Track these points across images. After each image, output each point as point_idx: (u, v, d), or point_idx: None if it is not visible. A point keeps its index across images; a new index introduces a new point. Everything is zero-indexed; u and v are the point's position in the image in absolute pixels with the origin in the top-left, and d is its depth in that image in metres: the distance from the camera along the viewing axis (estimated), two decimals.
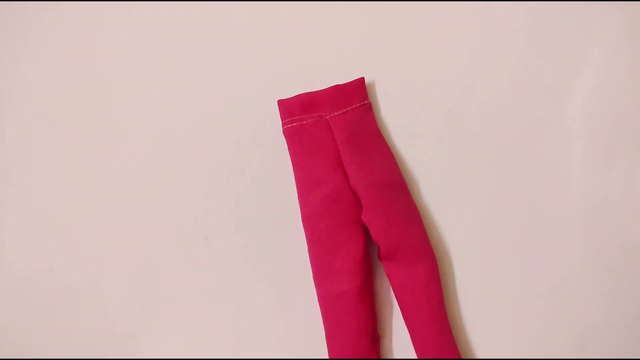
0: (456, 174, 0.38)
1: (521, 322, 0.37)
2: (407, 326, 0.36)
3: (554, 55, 0.38)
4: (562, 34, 0.39)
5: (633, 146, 0.38)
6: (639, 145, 0.38)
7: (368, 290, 0.36)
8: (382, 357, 0.37)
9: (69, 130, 0.40)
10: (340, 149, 0.36)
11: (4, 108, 0.40)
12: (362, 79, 0.38)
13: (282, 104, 0.37)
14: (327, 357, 0.36)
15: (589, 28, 0.38)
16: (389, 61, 0.39)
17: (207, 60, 0.40)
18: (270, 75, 0.39)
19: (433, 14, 0.39)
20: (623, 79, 0.38)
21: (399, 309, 0.36)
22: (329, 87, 0.37)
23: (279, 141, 0.38)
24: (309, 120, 0.37)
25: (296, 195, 0.37)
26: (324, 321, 0.36)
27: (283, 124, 0.37)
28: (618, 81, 0.38)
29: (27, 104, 0.40)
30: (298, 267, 0.38)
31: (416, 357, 0.36)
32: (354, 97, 0.37)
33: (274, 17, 0.39)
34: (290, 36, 0.39)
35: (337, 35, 0.39)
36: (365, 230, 0.36)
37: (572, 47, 0.38)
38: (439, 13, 0.39)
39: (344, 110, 0.37)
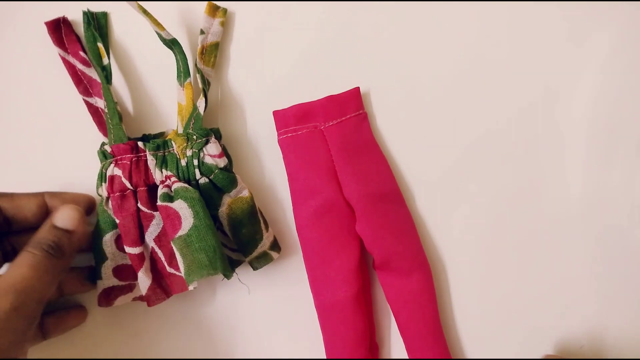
0: (452, 183, 0.38)
1: (519, 328, 0.37)
2: (402, 336, 0.36)
3: (553, 56, 0.38)
4: (561, 34, 0.38)
5: (633, 146, 0.37)
6: (639, 145, 0.37)
7: (365, 300, 0.37)
8: None
9: None
10: (335, 159, 0.36)
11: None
12: (357, 88, 0.37)
13: (277, 114, 0.37)
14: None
15: (589, 28, 0.38)
16: (384, 70, 0.38)
17: None
18: (265, 86, 0.39)
19: (429, 21, 0.38)
20: (623, 79, 0.37)
21: None
22: (324, 97, 0.37)
23: (275, 151, 0.38)
24: (304, 131, 0.36)
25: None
26: (322, 330, 0.37)
27: (278, 135, 0.37)
28: (618, 81, 0.37)
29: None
30: (297, 276, 0.38)
31: None
32: (349, 107, 0.37)
33: (268, 28, 0.39)
34: (284, 47, 0.39)
35: (332, 45, 0.39)
36: (361, 239, 0.36)
37: (571, 47, 0.38)
38: (434, 20, 0.38)
39: (339, 120, 0.37)
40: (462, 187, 0.38)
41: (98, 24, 0.39)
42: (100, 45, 0.37)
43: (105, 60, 0.37)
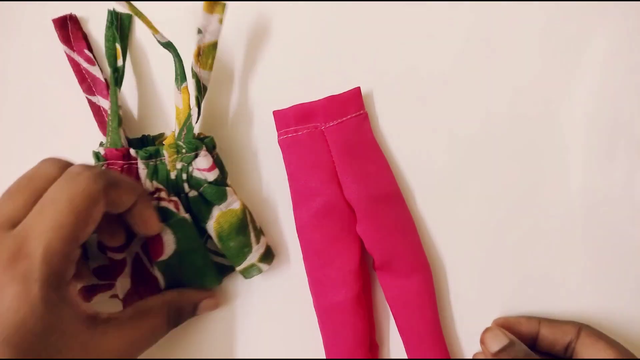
0: (452, 183, 0.38)
1: None
2: (402, 337, 0.36)
3: (553, 56, 0.38)
4: (561, 34, 0.38)
5: (633, 146, 0.37)
6: (639, 145, 0.37)
7: (365, 300, 0.37)
8: None
9: None
10: (335, 159, 0.36)
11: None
12: (358, 88, 0.37)
13: (277, 114, 0.37)
14: None
15: (589, 28, 0.38)
16: (385, 70, 0.38)
17: None
18: (265, 86, 0.39)
19: (429, 21, 0.38)
20: (623, 79, 0.37)
21: None
22: (325, 98, 0.37)
23: (275, 152, 0.38)
24: (304, 131, 0.36)
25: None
26: (321, 331, 0.37)
27: (278, 135, 0.37)
28: (618, 81, 0.37)
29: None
30: (297, 277, 0.38)
31: None
32: (350, 107, 0.37)
33: (270, 28, 0.39)
34: (285, 47, 0.39)
35: (333, 44, 0.39)
36: (361, 240, 0.36)
37: (571, 47, 0.38)
38: (435, 20, 0.38)
39: (340, 120, 0.37)
40: (463, 187, 0.38)
41: (121, 24, 0.39)
42: (118, 46, 0.37)
43: (119, 62, 0.37)
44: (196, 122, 0.35)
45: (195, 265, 0.32)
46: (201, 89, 0.36)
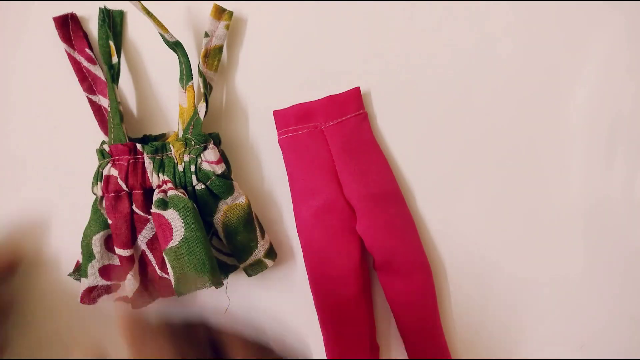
0: (452, 183, 0.38)
1: (519, 327, 0.37)
2: (402, 336, 0.36)
3: (554, 56, 0.38)
4: (561, 34, 0.38)
5: (633, 146, 0.37)
6: (639, 145, 0.37)
7: (366, 299, 0.37)
8: None
9: None
10: (335, 159, 0.36)
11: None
12: (358, 88, 0.37)
13: (277, 114, 0.37)
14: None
15: (589, 28, 0.38)
16: (384, 70, 0.38)
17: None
18: (267, 87, 0.39)
19: (429, 21, 0.38)
20: (623, 79, 0.37)
21: None
22: (324, 97, 0.37)
23: (276, 153, 0.38)
24: (304, 131, 0.36)
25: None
26: (322, 330, 0.37)
27: (278, 135, 0.37)
28: (618, 81, 0.37)
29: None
30: (297, 277, 0.38)
31: None
32: (349, 107, 0.37)
33: (270, 28, 0.39)
34: (285, 47, 0.39)
35: (334, 44, 0.39)
36: (361, 239, 0.36)
37: (571, 47, 0.38)
38: (434, 20, 0.38)
39: (339, 120, 0.37)
40: (462, 187, 0.38)
41: (113, 22, 0.38)
42: (111, 43, 0.37)
43: (114, 59, 0.37)
44: (204, 116, 0.35)
45: (200, 257, 0.32)
46: (207, 86, 0.36)
